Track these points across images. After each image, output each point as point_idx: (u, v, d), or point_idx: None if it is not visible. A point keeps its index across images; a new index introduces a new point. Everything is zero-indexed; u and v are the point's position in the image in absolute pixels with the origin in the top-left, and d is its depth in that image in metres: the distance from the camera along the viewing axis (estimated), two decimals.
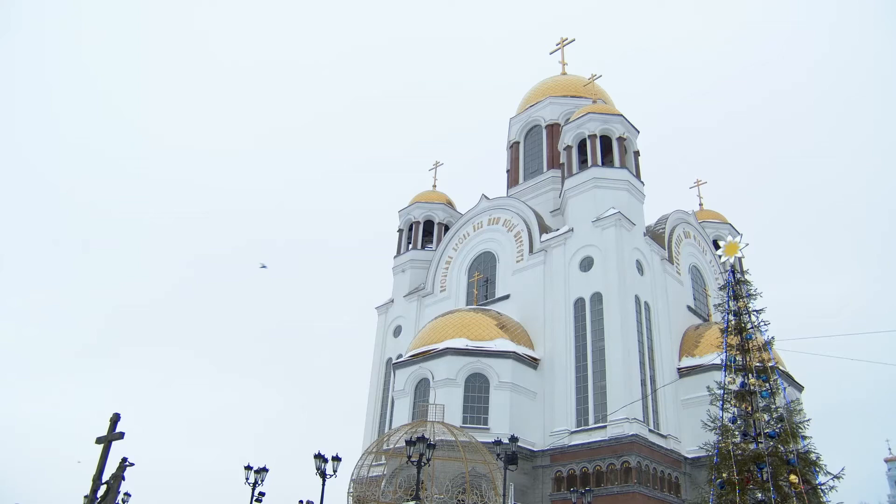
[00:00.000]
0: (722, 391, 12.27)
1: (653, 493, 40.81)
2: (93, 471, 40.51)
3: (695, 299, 55.68)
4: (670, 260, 53.14)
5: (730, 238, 13.01)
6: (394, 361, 53.91)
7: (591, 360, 45.34)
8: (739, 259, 13.35)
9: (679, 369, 47.83)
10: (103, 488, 40.46)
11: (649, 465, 41.31)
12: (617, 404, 41.75)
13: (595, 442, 42.23)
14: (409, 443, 26.01)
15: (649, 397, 44.58)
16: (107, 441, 41.92)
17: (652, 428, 43.68)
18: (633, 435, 40.95)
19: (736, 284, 12.86)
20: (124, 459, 41.11)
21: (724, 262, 13.29)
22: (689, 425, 43.26)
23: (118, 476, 40.55)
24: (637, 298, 47.09)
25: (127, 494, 40.30)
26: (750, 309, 12.68)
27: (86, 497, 39.75)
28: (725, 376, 12.39)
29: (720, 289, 13.55)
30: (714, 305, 20.99)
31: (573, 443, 43.25)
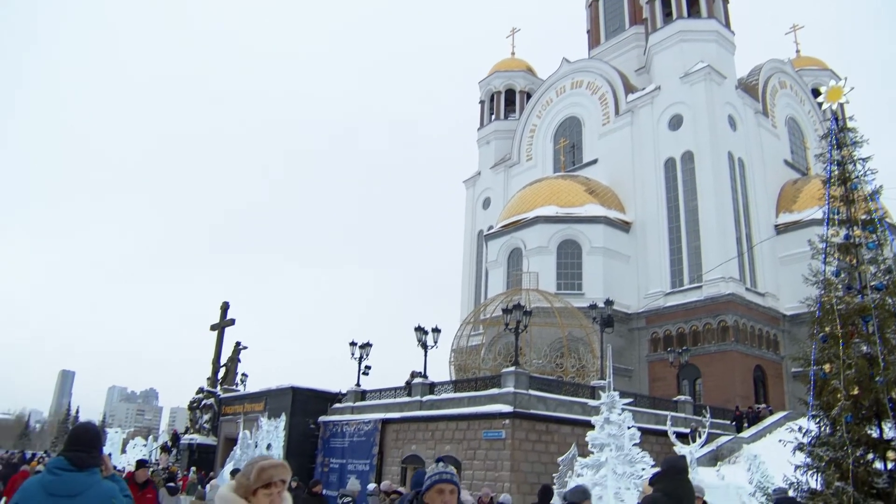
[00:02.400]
0: (825, 244, 11.81)
1: (750, 351, 40.82)
2: (211, 355, 43.35)
3: (792, 153, 53.39)
4: (765, 113, 50.76)
5: (832, 83, 12.10)
6: (485, 233, 54.39)
7: (684, 220, 44.63)
8: (842, 105, 12.51)
9: (776, 226, 46.58)
10: (222, 370, 43.42)
11: (746, 323, 41.12)
12: (712, 264, 41.27)
13: (691, 302, 42.19)
14: (505, 311, 26.53)
15: (745, 255, 43.85)
16: (220, 327, 44.67)
17: (749, 286, 43.19)
18: (729, 294, 40.64)
19: (839, 132, 12.07)
20: (238, 343, 43.84)
21: (825, 110, 12.47)
22: (788, 282, 42.50)
23: (234, 358, 43.46)
24: (730, 155, 45.53)
25: (244, 375, 43.06)
26: (855, 157, 11.96)
27: (208, 379, 42.76)
28: (828, 229, 11.89)
29: (822, 138, 12.71)
30: (814, 156, 19.97)
31: (668, 304, 43.31)
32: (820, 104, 12.52)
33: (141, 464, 9.99)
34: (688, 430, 24.83)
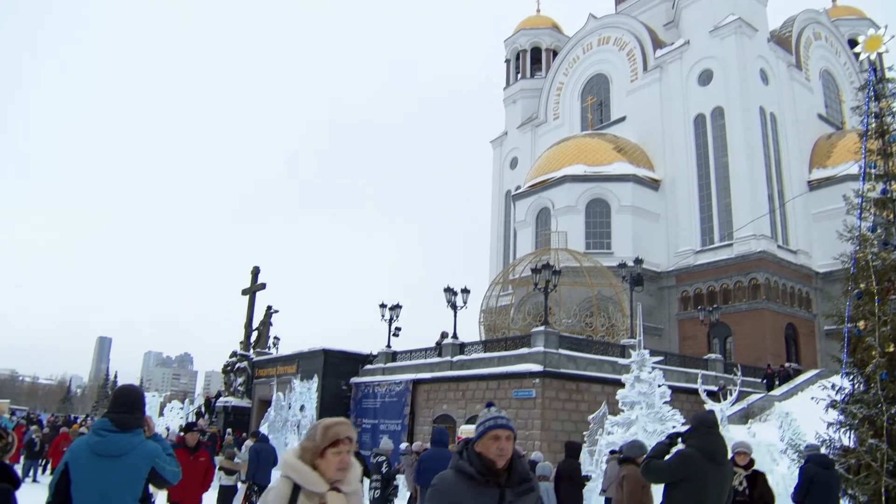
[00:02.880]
0: (860, 199, 11.56)
1: (782, 309, 40.48)
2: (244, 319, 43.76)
3: (826, 107, 52.22)
4: (798, 66, 49.61)
5: (870, 32, 11.74)
6: (513, 193, 54.15)
7: (715, 177, 44.08)
8: (881, 55, 12.11)
9: (809, 182, 45.84)
10: (255, 334, 43.85)
11: (778, 280, 40.72)
12: (743, 221, 40.79)
13: (721, 260, 41.83)
14: (534, 271, 26.49)
15: (777, 212, 43.26)
16: (251, 292, 45.04)
17: (780, 244, 42.70)
18: (760, 251, 40.22)
19: (877, 83, 11.73)
20: (269, 307, 44.19)
21: (862, 61, 12.12)
22: (821, 239, 41.94)
23: (266, 322, 43.88)
24: (762, 110, 44.69)
25: (276, 338, 43.44)
26: (894, 109, 11.64)
27: (241, 342, 43.24)
28: (864, 183, 11.63)
29: (858, 90, 12.33)
30: (850, 109, 19.42)
31: (699, 262, 42.99)
32: (857, 55, 12.18)
33: (189, 427, 9.83)
34: (716, 388, 24.79)
